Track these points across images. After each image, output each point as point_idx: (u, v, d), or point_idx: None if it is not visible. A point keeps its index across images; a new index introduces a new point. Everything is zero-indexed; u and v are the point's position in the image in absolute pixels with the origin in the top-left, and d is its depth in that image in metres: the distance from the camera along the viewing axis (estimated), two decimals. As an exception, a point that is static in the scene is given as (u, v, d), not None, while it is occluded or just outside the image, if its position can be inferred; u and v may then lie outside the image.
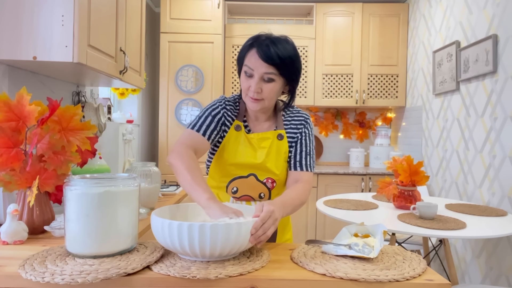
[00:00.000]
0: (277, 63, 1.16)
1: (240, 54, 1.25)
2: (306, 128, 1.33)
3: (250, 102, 1.23)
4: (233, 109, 1.31)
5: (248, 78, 1.21)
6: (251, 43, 1.21)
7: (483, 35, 2.44)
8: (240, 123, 1.30)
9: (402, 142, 3.80)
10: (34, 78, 1.78)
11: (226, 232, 0.84)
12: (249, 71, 1.20)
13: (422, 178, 2.05)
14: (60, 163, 1.16)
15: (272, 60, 1.16)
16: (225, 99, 1.32)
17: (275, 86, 1.20)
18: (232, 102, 1.33)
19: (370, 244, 0.98)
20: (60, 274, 0.79)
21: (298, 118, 1.34)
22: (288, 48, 1.19)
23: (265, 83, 1.19)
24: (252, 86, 1.19)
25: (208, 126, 1.25)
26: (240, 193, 1.27)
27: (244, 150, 1.27)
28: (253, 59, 1.18)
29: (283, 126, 1.32)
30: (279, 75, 1.19)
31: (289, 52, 1.18)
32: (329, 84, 3.75)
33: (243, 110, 1.32)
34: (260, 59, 1.17)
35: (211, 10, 3.45)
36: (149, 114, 3.89)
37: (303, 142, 1.31)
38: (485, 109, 2.42)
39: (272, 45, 1.17)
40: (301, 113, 1.35)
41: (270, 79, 1.19)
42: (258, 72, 1.18)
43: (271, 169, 1.27)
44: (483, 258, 2.38)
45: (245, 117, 1.33)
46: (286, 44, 1.20)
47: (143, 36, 2.32)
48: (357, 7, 3.70)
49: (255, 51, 1.18)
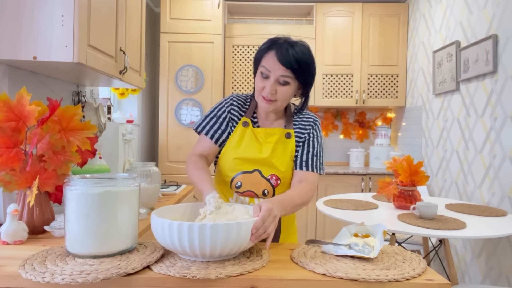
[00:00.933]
0: (294, 67, 1.18)
1: (257, 55, 1.26)
2: (315, 129, 1.34)
3: (263, 102, 1.25)
4: (242, 105, 1.34)
5: (263, 79, 1.23)
6: (270, 45, 1.22)
7: (483, 35, 2.44)
8: (248, 120, 1.32)
9: (402, 142, 3.80)
10: (34, 78, 1.78)
11: (226, 232, 0.84)
12: (265, 72, 1.21)
13: (422, 178, 2.05)
14: (60, 163, 1.16)
15: (290, 64, 1.18)
16: (234, 96, 1.35)
17: (289, 89, 1.23)
18: (243, 99, 1.36)
19: (370, 244, 0.98)
20: (60, 274, 0.79)
21: (307, 119, 1.35)
22: (306, 53, 1.21)
23: (280, 86, 1.21)
24: (267, 88, 1.21)
25: (212, 127, 1.31)
26: (244, 188, 1.27)
27: (250, 144, 1.29)
28: (271, 61, 1.20)
29: (292, 126, 1.33)
30: (294, 79, 1.21)
31: (306, 57, 1.20)
32: (329, 84, 3.76)
33: (253, 107, 1.34)
34: (278, 62, 1.18)
35: (211, 10, 3.45)
36: (149, 114, 3.89)
37: (311, 143, 1.32)
38: (485, 109, 2.42)
39: (291, 49, 1.18)
40: (311, 115, 1.37)
41: (286, 82, 1.21)
42: (275, 75, 1.20)
43: (276, 165, 1.27)
44: (483, 258, 2.38)
45: (255, 113, 1.35)
46: (303, 48, 1.22)
47: (143, 36, 2.32)
48: (357, 7, 3.70)
49: (274, 53, 1.20)
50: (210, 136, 1.30)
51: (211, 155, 1.32)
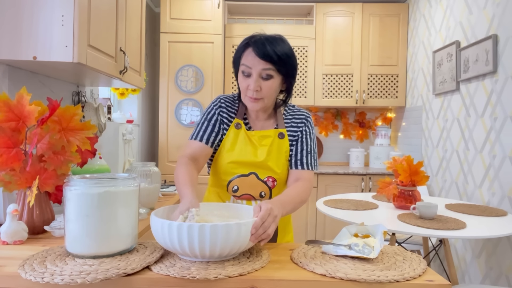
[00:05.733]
0: (274, 59, 1.18)
1: (235, 55, 1.26)
2: (307, 126, 1.33)
3: (250, 102, 1.23)
4: (231, 105, 1.33)
5: (246, 77, 1.22)
6: (247, 43, 1.22)
7: (483, 35, 2.44)
8: (240, 121, 1.31)
9: (402, 142, 3.80)
10: (34, 78, 1.78)
11: (226, 232, 0.84)
12: (247, 70, 1.20)
13: (422, 178, 2.05)
14: (60, 163, 1.16)
15: (269, 56, 1.17)
16: (220, 98, 1.33)
17: (273, 83, 1.21)
18: (231, 99, 1.34)
19: (370, 245, 0.97)
20: (60, 275, 0.79)
21: (299, 117, 1.34)
22: (283, 45, 1.21)
23: (263, 81, 1.20)
24: (251, 85, 1.19)
25: (205, 131, 1.28)
26: (241, 192, 1.27)
27: (244, 148, 1.28)
28: (250, 57, 1.19)
29: (284, 125, 1.32)
30: (276, 72, 1.20)
31: (284, 49, 1.20)
32: (329, 84, 3.75)
33: (243, 109, 1.33)
34: (257, 57, 1.18)
35: (211, 10, 3.45)
36: (149, 114, 3.89)
37: (304, 140, 1.31)
38: (485, 109, 2.42)
39: (268, 43, 1.18)
40: (302, 111, 1.36)
41: (269, 76, 1.20)
42: (256, 70, 1.19)
43: (272, 167, 1.27)
44: (483, 258, 2.38)
45: (245, 115, 1.34)
46: (281, 41, 1.22)
47: (143, 36, 2.32)
48: (357, 7, 3.70)
49: (251, 49, 1.19)
50: (199, 138, 1.27)
51: (202, 157, 1.27)
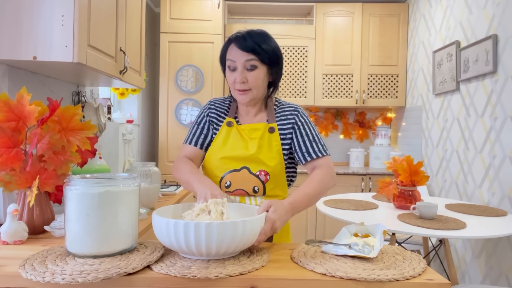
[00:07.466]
0: (256, 50, 1.23)
1: (221, 54, 1.33)
2: (300, 118, 1.33)
3: (239, 95, 1.28)
4: (221, 106, 1.38)
5: (232, 72, 1.27)
6: (229, 39, 1.29)
7: (483, 35, 2.44)
8: (232, 120, 1.34)
9: (402, 142, 3.80)
10: (34, 78, 1.78)
11: (233, 229, 0.86)
12: (232, 64, 1.26)
13: (422, 178, 2.05)
14: (60, 163, 1.16)
15: (251, 47, 1.23)
16: (210, 102, 1.40)
17: (259, 73, 1.26)
18: (220, 101, 1.40)
19: (370, 244, 0.98)
20: (61, 274, 0.79)
21: (288, 110, 1.35)
22: (264, 37, 1.27)
23: (248, 72, 1.25)
24: (237, 77, 1.25)
25: (194, 134, 1.36)
26: (234, 187, 1.27)
27: (235, 142, 1.30)
28: (234, 52, 1.25)
29: (275, 119, 1.34)
30: (260, 62, 1.25)
31: (265, 39, 1.27)
32: (329, 84, 3.76)
33: (235, 108, 1.37)
34: (240, 50, 1.24)
35: (211, 10, 3.45)
36: (149, 114, 3.89)
37: (303, 132, 1.31)
38: (485, 109, 2.42)
39: (248, 36, 1.25)
40: (291, 105, 1.37)
41: (253, 66, 1.24)
42: (240, 62, 1.24)
43: (264, 160, 1.27)
44: (483, 258, 2.38)
45: (237, 113, 1.38)
46: (262, 34, 1.27)
47: (143, 36, 2.32)
48: (357, 7, 3.70)
49: (234, 44, 1.26)
50: (190, 141, 1.35)
51: (196, 159, 1.34)
